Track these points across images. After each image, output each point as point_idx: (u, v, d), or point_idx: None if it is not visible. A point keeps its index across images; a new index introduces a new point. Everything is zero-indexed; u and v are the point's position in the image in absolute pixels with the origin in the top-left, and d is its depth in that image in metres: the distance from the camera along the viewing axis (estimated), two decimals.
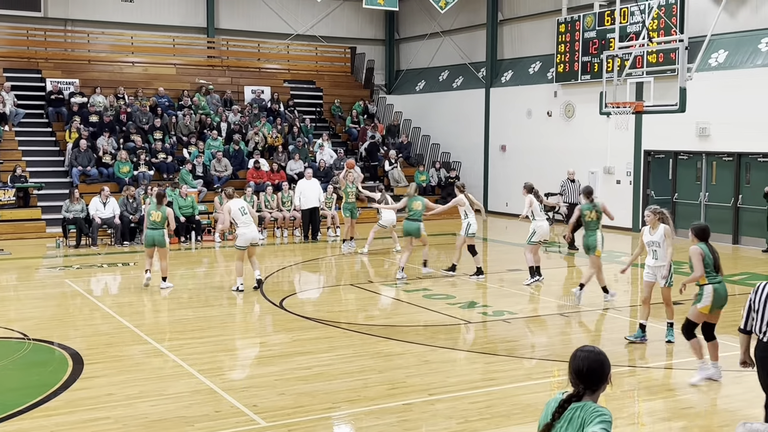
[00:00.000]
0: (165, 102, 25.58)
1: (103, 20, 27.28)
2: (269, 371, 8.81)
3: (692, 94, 16.41)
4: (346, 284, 14.57)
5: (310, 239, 20.21)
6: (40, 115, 24.60)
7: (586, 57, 23.02)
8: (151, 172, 22.16)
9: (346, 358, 9.39)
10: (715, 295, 8.41)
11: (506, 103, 26.30)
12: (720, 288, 8.46)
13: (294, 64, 30.37)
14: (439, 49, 29.69)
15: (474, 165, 27.35)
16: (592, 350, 3.85)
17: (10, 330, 10.75)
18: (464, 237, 14.88)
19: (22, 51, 26.25)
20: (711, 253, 8.53)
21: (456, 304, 12.48)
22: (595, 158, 22.43)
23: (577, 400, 3.77)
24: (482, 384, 8.52)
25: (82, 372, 8.74)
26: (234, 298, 13.26)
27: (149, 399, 7.86)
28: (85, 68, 26.56)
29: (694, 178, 20.55)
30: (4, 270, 15.95)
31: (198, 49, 29.15)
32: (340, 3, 30.61)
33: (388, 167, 26.04)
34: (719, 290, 8.45)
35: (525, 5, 26.20)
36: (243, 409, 7.57)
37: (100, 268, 16.09)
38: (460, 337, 10.63)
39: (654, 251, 9.98)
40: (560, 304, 12.69)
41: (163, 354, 9.52)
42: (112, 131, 23.35)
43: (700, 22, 19.24)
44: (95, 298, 13.19)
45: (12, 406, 7.64)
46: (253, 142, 24.75)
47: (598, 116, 19.21)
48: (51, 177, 22.11)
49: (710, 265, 8.50)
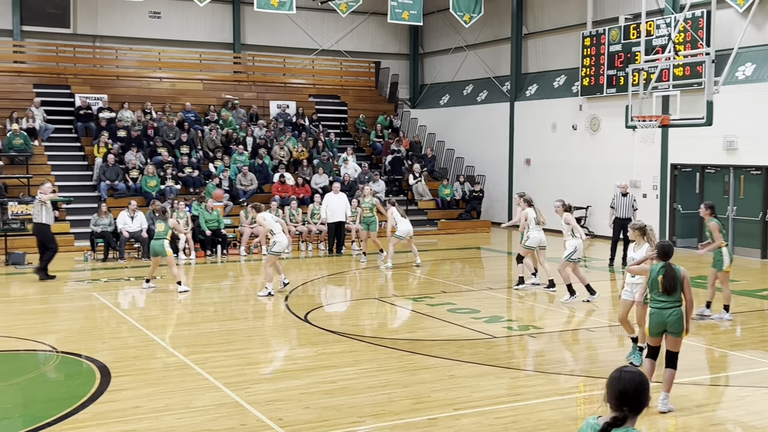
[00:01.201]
0: (191, 117, 25.83)
1: (131, 36, 27.64)
2: (294, 385, 8.83)
3: (719, 107, 16.30)
4: (371, 298, 14.57)
5: (335, 253, 20.25)
6: (69, 130, 24.92)
7: (611, 70, 22.95)
8: (178, 186, 22.36)
9: (371, 372, 9.39)
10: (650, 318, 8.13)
11: (531, 116, 26.25)
12: (654, 315, 8.05)
13: (319, 78, 30.55)
14: (464, 63, 29.74)
15: (498, 179, 27.30)
16: (635, 371, 3.74)
17: (39, 343, 10.86)
18: (522, 247, 14.97)
19: (51, 67, 26.65)
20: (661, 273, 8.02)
21: (481, 318, 12.44)
22: (621, 172, 22.28)
23: (621, 424, 3.64)
24: (508, 399, 8.48)
25: (109, 384, 8.81)
26: (260, 311, 13.31)
27: (175, 412, 7.90)
28: (114, 84, 26.90)
29: (722, 192, 20.36)
30: (34, 283, 16.13)
31: (224, 65, 29.43)
32: (365, 18, 30.78)
33: (412, 181, 26.07)
34: (653, 318, 8.06)
35: (550, 19, 26.19)
36: (268, 422, 7.59)
37: (127, 281, 16.23)
38: (485, 351, 10.59)
39: None
40: (586, 319, 12.61)
41: (189, 367, 9.58)
42: (139, 146, 23.61)
43: (727, 35, 19.11)
44: (122, 311, 13.30)
45: (41, 418, 7.72)
46: (279, 157, 24.90)
47: (624, 130, 19.12)
48: (79, 191, 22.37)
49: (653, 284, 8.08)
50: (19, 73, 26.10)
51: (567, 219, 13.65)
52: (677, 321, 7.92)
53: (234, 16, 29.05)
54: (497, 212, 27.19)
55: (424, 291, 15.34)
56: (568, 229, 13.61)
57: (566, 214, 13.78)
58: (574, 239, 13.50)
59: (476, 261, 20.30)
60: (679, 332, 7.93)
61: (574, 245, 13.46)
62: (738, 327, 12.18)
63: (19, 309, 13.58)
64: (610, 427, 3.64)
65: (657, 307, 8.00)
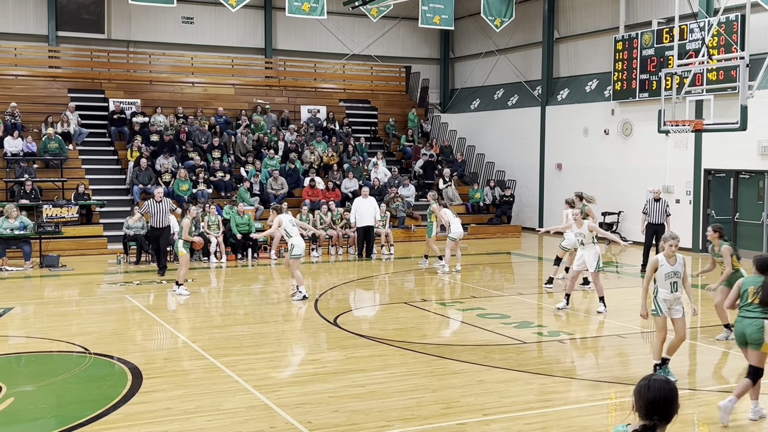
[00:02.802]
0: (223, 121, 26.04)
1: (164, 42, 27.95)
2: (323, 388, 8.85)
3: (754, 111, 16.10)
4: (400, 302, 14.57)
5: (365, 257, 20.28)
6: (103, 134, 25.24)
7: (644, 75, 22.75)
8: (210, 190, 22.54)
9: (400, 376, 9.38)
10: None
11: (562, 121, 26.10)
12: (737, 324, 7.98)
13: (349, 83, 30.64)
14: (494, 67, 29.66)
15: (529, 183, 27.17)
16: (664, 380, 3.70)
17: (72, 344, 11.00)
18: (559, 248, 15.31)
19: (86, 72, 27.01)
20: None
21: (510, 323, 12.38)
22: (654, 177, 22.08)
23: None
24: (537, 405, 8.42)
25: (140, 386, 8.89)
26: (290, 315, 13.37)
27: (206, 414, 7.96)
28: (147, 88, 27.20)
29: (756, 198, 20.08)
30: (67, 285, 16.35)
31: (256, 70, 29.63)
32: (396, 23, 30.83)
33: (442, 185, 26.04)
34: (737, 327, 7.99)
35: (581, 23, 26.04)
36: (297, 425, 7.61)
37: (159, 284, 16.37)
38: (515, 357, 10.53)
39: None
40: (618, 325, 12.49)
41: (220, 369, 9.64)
42: (171, 150, 23.84)
43: (761, 39, 18.87)
44: (154, 313, 13.43)
45: (73, 419, 7.81)
46: (309, 161, 25.00)
47: (657, 134, 18.95)
48: (113, 195, 22.65)
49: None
50: (55, 78, 26.49)
51: (590, 227, 13.46)
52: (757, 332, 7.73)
53: (265, 21, 29.24)
54: (528, 217, 27.06)
55: (454, 296, 15.29)
56: (591, 237, 13.35)
57: (588, 222, 13.63)
58: (594, 246, 13.23)
59: (506, 266, 20.21)
60: (759, 344, 7.72)
61: (597, 253, 13.19)
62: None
63: (53, 311, 13.76)
64: None
65: (748, 316, 7.87)
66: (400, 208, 23.46)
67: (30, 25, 26.39)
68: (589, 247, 13.28)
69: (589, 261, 13.22)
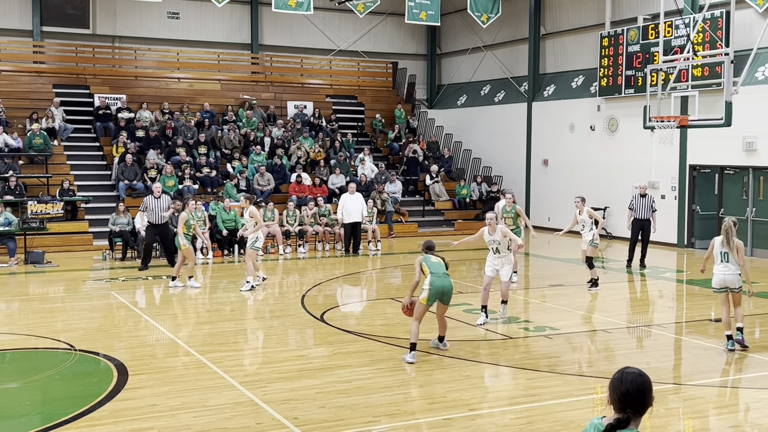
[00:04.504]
0: (209, 117, 25.95)
1: (149, 37, 27.81)
2: (310, 384, 8.85)
3: (738, 108, 16.18)
4: (387, 298, 14.58)
5: (351, 253, 20.28)
6: (88, 130, 25.10)
7: (629, 71, 22.84)
8: (196, 186, 22.46)
9: (387, 371, 9.39)
10: None
11: (549, 117, 26.17)
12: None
13: (336, 79, 30.60)
14: (481, 63, 29.69)
15: (516, 179, 27.24)
16: (638, 372, 3.69)
17: (57, 341, 10.95)
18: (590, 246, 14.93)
19: (71, 67, 26.85)
20: None
21: (497, 319, 12.41)
22: (639, 173, 22.18)
23: (624, 426, 3.59)
24: (523, 400, 8.46)
25: (126, 383, 8.87)
26: (276, 311, 13.36)
27: (192, 410, 7.94)
28: (132, 84, 27.07)
29: (741, 193, 20.21)
30: (52, 282, 16.27)
31: (242, 65, 29.54)
32: (383, 18, 30.80)
33: (429, 181, 26.06)
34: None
35: (568, 19, 26.10)
36: (284, 421, 7.61)
37: (145, 280, 16.32)
38: (501, 352, 10.56)
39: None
40: (603, 320, 12.55)
41: (206, 366, 9.62)
42: (157, 146, 23.74)
43: (746, 36, 18.97)
44: (140, 309, 13.38)
45: (58, 415, 7.78)
46: (296, 157, 24.96)
47: (642, 130, 19.03)
48: (98, 191, 22.54)
49: None
50: (39, 74, 26.32)
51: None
52: None
53: (252, 16, 29.15)
54: None
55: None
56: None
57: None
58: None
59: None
60: None
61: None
62: (756, 329, 12.08)
63: (38, 308, 13.69)
64: (614, 429, 3.60)
65: None
66: (388, 205, 23.46)
67: (14, 20, 26.19)
68: (506, 256, 12.09)
69: (504, 271, 12.05)
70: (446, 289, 9.74)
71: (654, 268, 17.90)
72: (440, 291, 9.68)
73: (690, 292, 15.97)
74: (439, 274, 9.72)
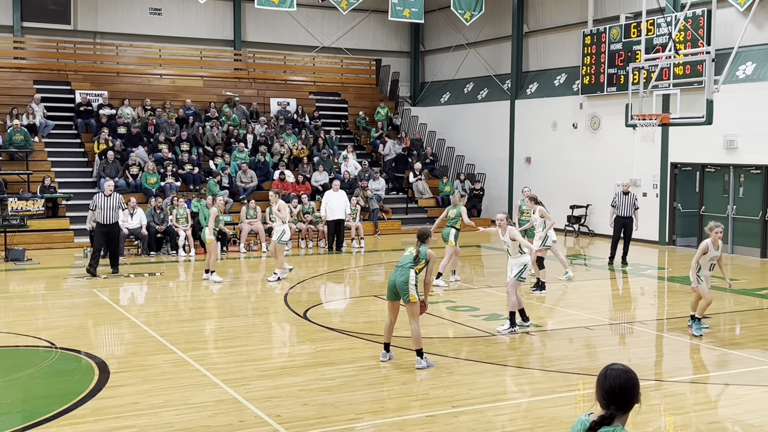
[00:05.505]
0: (192, 114, 25.82)
1: (131, 33, 27.63)
2: (293, 382, 8.84)
3: (719, 106, 16.29)
4: (370, 295, 14.58)
5: (335, 250, 20.26)
6: (69, 126, 24.92)
7: (612, 69, 22.94)
8: (178, 183, 22.36)
9: (370, 369, 9.39)
10: None
11: (531, 115, 26.24)
12: None
13: (319, 76, 30.54)
14: (464, 61, 29.72)
15: (499, 177, 27.30)
16: (623, 369, 3.65)
17: (38, 339, 10.87)
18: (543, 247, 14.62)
19: (52, 63, 26.63)
20: None
21: (480, 316, 12.45)
22: (621, 171, 22.28)
23: (609, 422, 3.57)
24: (506, 397, 8.48)
25: (108, 381, 8.82)
26: (259, 308, 13.32)
27: (174, 408, 7.91)
28: (114, 80, 26.89)
29: (722, 191, 20.36)
30: (33, 279, 16.15)
31: (225, 62, 29.42)
32: (366, 15, 30.76)
33: (412, 179, 26.07)
34: None
35: (550, 17, 26.17)
36: (266, 419, 7.60)
37: (126, 278, 16.23)
38: (484, 349, 10.59)
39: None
40: (586, 317, 12.61)
41: (188, 363, 9.58)
42: (139, 143, 23.61)
43: (727, 34, 19.10)
44: (122, 307, 13.31)
45: (39, 414, 7.72)
46: (279, 154, 24.90)
47: (624, 128, 19.11)
48: (79, 188, 22.37)
49: None
50: (20, 69, 26.09)
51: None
52: None
53: (234, 13, 29.03)
54: (497, 210, 27.04)
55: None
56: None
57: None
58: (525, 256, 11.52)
59: (476, 259, 20.30)
60: None
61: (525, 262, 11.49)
62: (737, 326, 12.18)
63: (19, 305, 13.59)
64: (598, 426, 3.58)
65: None
66: (372, 202, 23.45)
67: None
68: (518, 258, 11.54)
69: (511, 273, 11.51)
70: (390, 284, 9.41)
71: (636, 265, 18.00)
72: (390, 285, 9.44)
73: (671, 289, 16.07)
74: (398, 267, 9.47)
